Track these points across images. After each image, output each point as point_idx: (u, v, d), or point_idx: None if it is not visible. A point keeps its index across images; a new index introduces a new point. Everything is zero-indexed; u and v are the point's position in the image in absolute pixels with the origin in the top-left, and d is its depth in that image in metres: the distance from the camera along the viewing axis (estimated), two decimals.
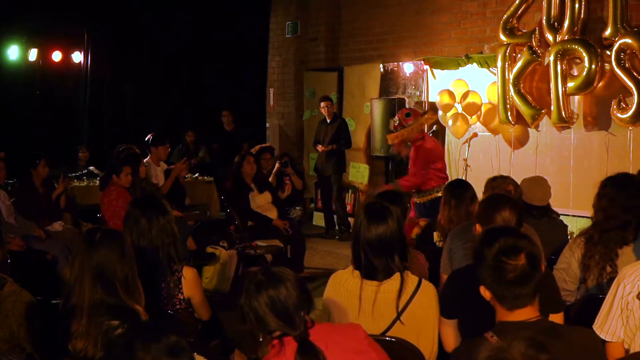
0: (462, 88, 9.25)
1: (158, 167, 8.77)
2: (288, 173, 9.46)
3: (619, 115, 7.69)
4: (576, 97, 8.25)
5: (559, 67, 8.03)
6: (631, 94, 7.53)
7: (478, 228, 3.88)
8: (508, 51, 8.59)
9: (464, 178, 8.75)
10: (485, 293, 2.80)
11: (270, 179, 9.11)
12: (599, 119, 8.19)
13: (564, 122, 8.22)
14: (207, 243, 7.76)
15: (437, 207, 7.13)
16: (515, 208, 3.86)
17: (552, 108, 8.20)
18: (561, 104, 8.10)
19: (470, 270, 3.61)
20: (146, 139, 9.03)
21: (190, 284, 4.15)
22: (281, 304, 2.74)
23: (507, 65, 8.61)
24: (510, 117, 8.69)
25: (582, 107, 8.31)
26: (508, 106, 8.66)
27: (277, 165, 9.42)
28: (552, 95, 8.16)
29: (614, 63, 7.61)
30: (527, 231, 4.28)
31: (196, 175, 10.87)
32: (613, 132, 8.03)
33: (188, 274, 4.15)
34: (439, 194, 7.30)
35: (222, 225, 8.66)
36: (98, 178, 9.59)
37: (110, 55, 12.82)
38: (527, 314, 2.73)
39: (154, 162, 8.74)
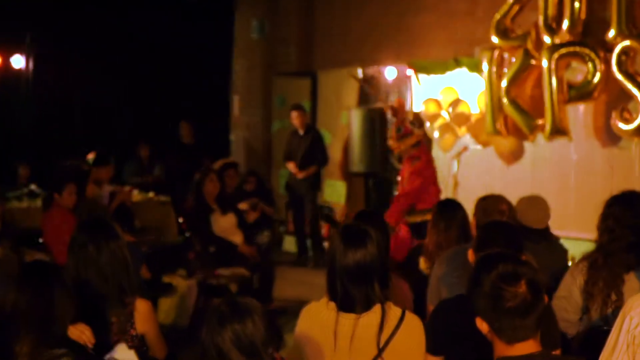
0: (451, 95, 9.28)
1: (102, 190, 8.72)
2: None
3: (621, 126, 7.73)
4: (580, 107, 8.31)
5: (553, 72, 8.04)
6: (636, 102, 7.57)
7: (471, 255, 3.91)
8: (495, 55, 8.63)
9: (453, 197, 8.80)
10: (481, 325, 2.81)
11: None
12: (602, 131, 8.25)
13: (560, 134, 8.24)
14: (163, 272, 7.73)
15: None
16: (517, 236, 3.93)
17: (546, 118, 8.21)
18: (556, 113, 8.12)
19: (461, 301, 3.63)
20: (87, 157, 8.97)
21: (143, 318, 4.12)
22: (247, 340, 2.74)
23: (494, 71, 8.63)
24: (499, 128, 8.70)
25: (583, 118, 8.38)
26: (497, 115, 8.68)
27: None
28: (547, 104, 8.15)
29: (615, 68, 7.65)
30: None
31: (150, 194, 10.81)
32: (617, 146, 8.10)
33: (141, 306, 4.12)
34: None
35: (180, 251, 8.63)
36: (40, 198, 9.52)
37: (55, 60, 12.74)
38: (528, 348, 2.75)
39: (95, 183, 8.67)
